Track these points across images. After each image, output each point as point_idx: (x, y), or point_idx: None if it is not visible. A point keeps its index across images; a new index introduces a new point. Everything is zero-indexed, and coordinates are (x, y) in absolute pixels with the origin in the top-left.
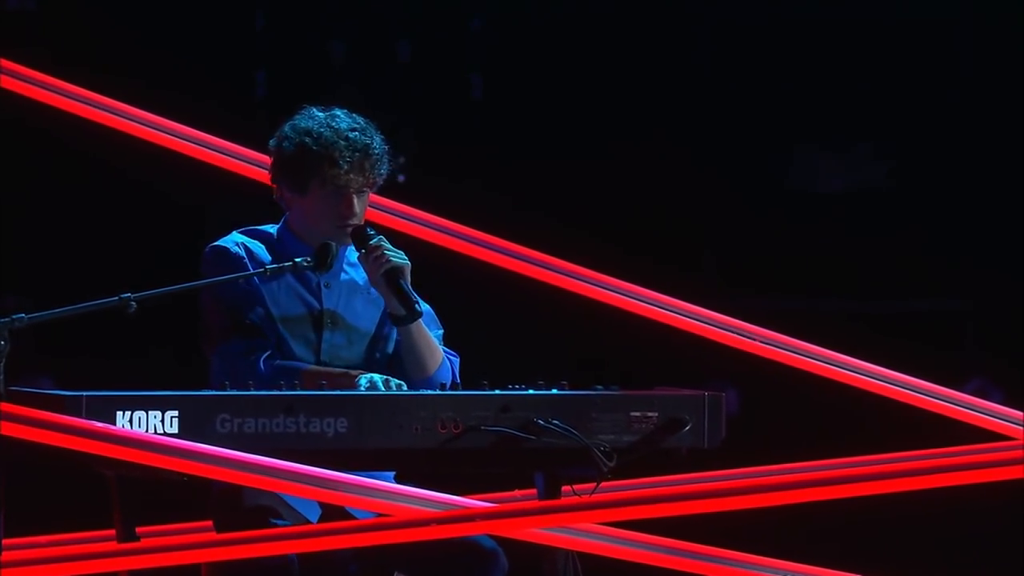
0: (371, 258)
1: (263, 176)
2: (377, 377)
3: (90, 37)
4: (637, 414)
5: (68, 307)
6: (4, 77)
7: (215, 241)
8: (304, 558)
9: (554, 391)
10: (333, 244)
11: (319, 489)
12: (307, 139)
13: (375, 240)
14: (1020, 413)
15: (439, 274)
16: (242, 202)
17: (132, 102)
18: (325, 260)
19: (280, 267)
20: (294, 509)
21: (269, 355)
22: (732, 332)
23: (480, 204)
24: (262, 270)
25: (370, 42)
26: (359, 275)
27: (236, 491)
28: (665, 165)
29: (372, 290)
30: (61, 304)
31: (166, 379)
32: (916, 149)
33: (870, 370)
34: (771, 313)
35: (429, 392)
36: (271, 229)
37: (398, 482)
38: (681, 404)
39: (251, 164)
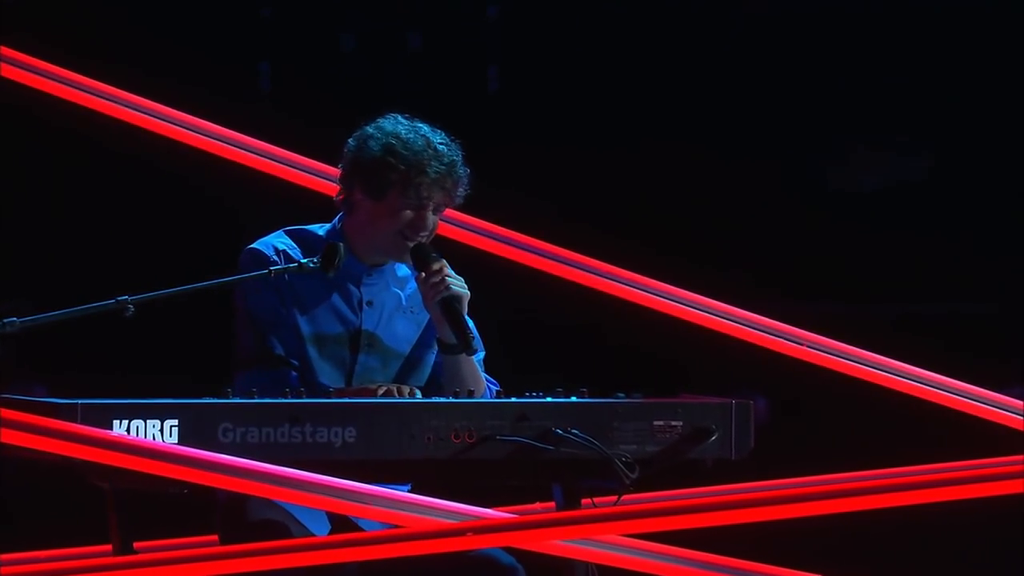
0: (430, 282)
1: (272, 168)
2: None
3: (90, 27)
4: (661, 423)
5: (62, 311)
6: (4, 65)
7: (254, 242)
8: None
9: (573, 399)
10: (340, 246)
11: (328, 498)
12: (395, 142)
13: (437, 264)
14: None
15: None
16: (251, 200)
17: (135, 92)
18: (332, 262)
19: (284, 268)
20: (302, 524)
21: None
22: (776, 336)
23: (498, 202)
24: (266, 271)
25: (380, 31)
26: (404, 292)
27: (242, 504)
28: (694, 160)
29: (415, 309)
30: (61, 308)
31: (165, 386)
32: (957, 146)
33: (925, 376)
34: (807, 317)
35: (442, 400)
36: (320, 231)
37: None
38: (707, 412)
39: (260, 156)
